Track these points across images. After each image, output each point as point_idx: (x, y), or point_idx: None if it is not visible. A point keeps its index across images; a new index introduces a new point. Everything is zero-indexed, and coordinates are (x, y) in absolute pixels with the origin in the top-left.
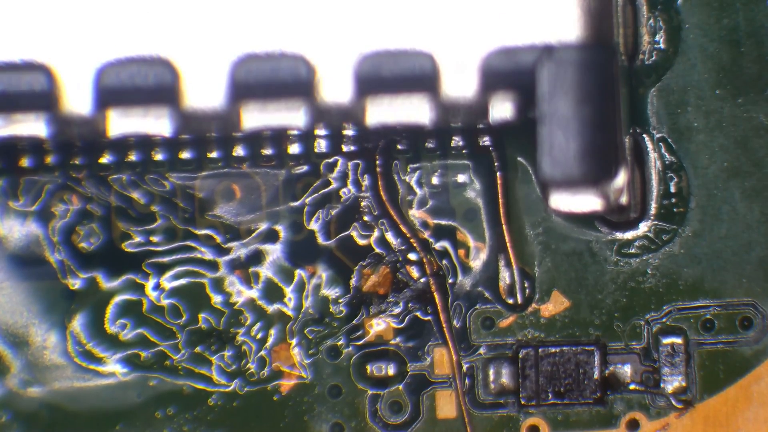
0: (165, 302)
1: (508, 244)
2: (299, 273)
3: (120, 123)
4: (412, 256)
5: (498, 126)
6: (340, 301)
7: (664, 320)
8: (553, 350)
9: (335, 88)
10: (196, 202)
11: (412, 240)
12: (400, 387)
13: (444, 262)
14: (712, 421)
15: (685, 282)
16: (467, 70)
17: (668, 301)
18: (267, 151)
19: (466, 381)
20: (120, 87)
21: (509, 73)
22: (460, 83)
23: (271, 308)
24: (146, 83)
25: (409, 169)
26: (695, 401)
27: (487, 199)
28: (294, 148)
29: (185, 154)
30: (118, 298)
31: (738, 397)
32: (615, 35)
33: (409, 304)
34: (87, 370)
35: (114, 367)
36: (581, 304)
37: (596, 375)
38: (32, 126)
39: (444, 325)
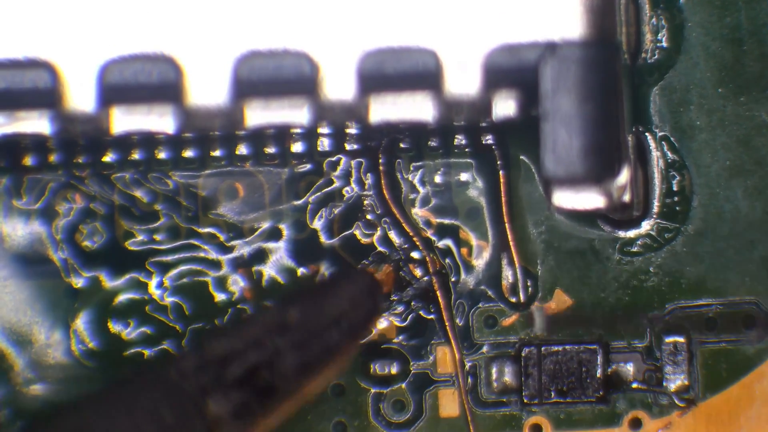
0: (168, 301)
1: (511, 243)
2: (302, 271)
3: (124, 120)
4: (415, 255)
5: (500, 124)
6: None
7: (666, 319)
8: (555, 349)
9: (338, 85)
10: (200, 201)
11: (415, 238)
12: (403, 385)
13: (447, 260)
14: (715, 420)
15: (687, 281)
16: (470, 67)
17: (671, 300)
18: (270, 150)
19: (469, 379)
20: (124, 84)
21: (512, 70)
22: (463, 81)
23: None
24: (150, 81)
25: (412, 168)
26: (698, 400)
27: (489, 197)
28: (297, 147)
29: (188, 153)
30: (121, 297)
31: (740, 395)
32: (618, 33)
33: (412, 303)
34: (90, 369)
35: (117, 365)
36: (584, 302)
37: (599, 373)
38: (36, 123)
39: (447, 324)
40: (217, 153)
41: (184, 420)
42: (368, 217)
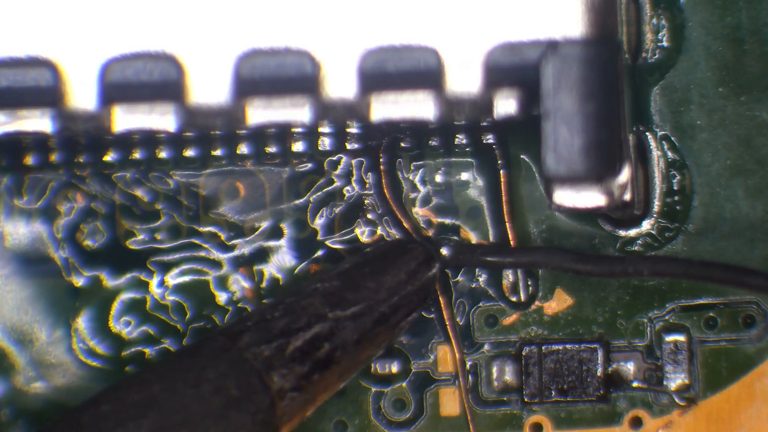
0: (169, 300)
1: (512, 242)
2: (302, 269)
3: (125, 119)
4: None
5: (502, 123)
6: None
7: (667, 318)
8: (556, 348)
9: (340, 84)
10: (201, 200)
11: (416, 238)
12: (404, 384)
13: None
14: (715, 419)
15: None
16: (471, 66)
17: (671, 299)
18: (271, 149)
19: (470, 378)
20: (125, 83)
21: (513, 69)
22: (464, 79)
23: None
24: (151, 79)
25: (412, 167)
26: (698, 398)
27: (490, 196)
28: (298, 146)
29: (189, 152)
30: (122, 296)
31: (741, 394)
32: (619, 32)
33: None
34: (91, 368)
35: (118, 364)
36: (584, 301)
37: (599, 372)
38: (37, 122)
39: (447, 323)
40: (218, 152)
41: (249, 393)
42: (369, 216)
